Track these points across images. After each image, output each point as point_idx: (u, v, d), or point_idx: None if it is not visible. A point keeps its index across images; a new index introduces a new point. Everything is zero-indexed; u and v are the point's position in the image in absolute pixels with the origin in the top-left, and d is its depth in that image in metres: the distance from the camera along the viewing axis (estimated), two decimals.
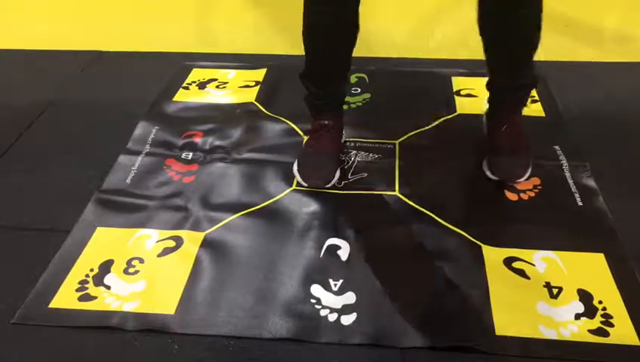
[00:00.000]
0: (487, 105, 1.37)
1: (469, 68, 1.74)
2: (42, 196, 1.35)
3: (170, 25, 1.95)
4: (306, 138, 1.47)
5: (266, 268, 1.13)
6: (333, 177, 1.32)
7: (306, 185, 1.31)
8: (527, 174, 1.30)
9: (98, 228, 1.23)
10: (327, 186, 1.31)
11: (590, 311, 1.03)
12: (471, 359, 0.97)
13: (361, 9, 1.15)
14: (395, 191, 1.30)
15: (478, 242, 1.16)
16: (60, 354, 1.01)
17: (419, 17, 1.75)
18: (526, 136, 1.31)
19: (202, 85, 1.74)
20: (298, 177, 1.33)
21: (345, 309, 1.05)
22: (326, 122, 1.34)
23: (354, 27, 1.20)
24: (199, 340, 1.02)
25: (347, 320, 1.03)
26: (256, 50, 1.90)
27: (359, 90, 1.68)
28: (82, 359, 1.00)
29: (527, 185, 1.29)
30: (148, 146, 1.48)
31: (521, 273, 1.10)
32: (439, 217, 1.22)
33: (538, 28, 1.14)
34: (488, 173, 1.31)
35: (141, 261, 1.15)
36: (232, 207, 1.27)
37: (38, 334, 1.03)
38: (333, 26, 1.19)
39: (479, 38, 1.18)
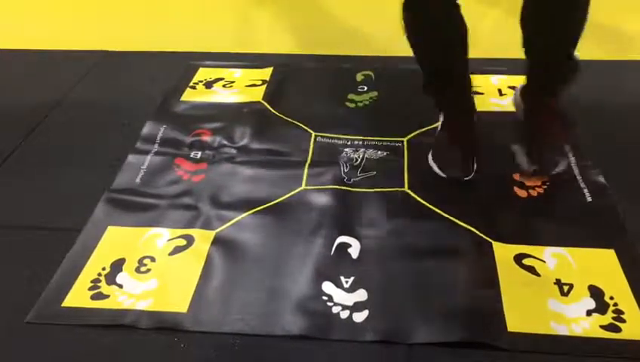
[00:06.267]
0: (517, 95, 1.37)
1: (473, 66, 1.73)
2: (52, 196, 1.35)
3: (176, 24, 1.96)
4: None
5: (277, 265, 1.14)
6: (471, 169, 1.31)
7: (444, 175, 1.31)
8: (564, 165, 1.30)
9: (109, 227, 1.24)
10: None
11: (601, 307, 1.03)
12: (483, 355, 0.97)
13: (368, 9, 1.14)
14: (404, 188, 1.31)
15: (488, 239, 1.16)
16: (72, 352, 1.01)
17: None
18: (563, 121, 1.30)
19: (209, 84, 1.74)
20: (435, 168, 1.33)
21: (357, 306, 1.05)
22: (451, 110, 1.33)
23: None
24: (206, 339, 1.02)
25: (359, 317, 1.03)
26: (261, 49, 1.90)
27: (366, 88, 1.69)
28: (92, 358, 1.00)
29: (535, 181, 1.30)
30: (156, 145, 1.48)
31: (532, 270, 1.10)
32: (449, 214, 1.23)
33: (584, 10, 1.14)
34: (523, 164, 1.29)
35: (152, 259, 1.16)
36: (241, 206, 1.27)
37: (52, 333, 1.04)
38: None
39: (481, 37, 1.17)
